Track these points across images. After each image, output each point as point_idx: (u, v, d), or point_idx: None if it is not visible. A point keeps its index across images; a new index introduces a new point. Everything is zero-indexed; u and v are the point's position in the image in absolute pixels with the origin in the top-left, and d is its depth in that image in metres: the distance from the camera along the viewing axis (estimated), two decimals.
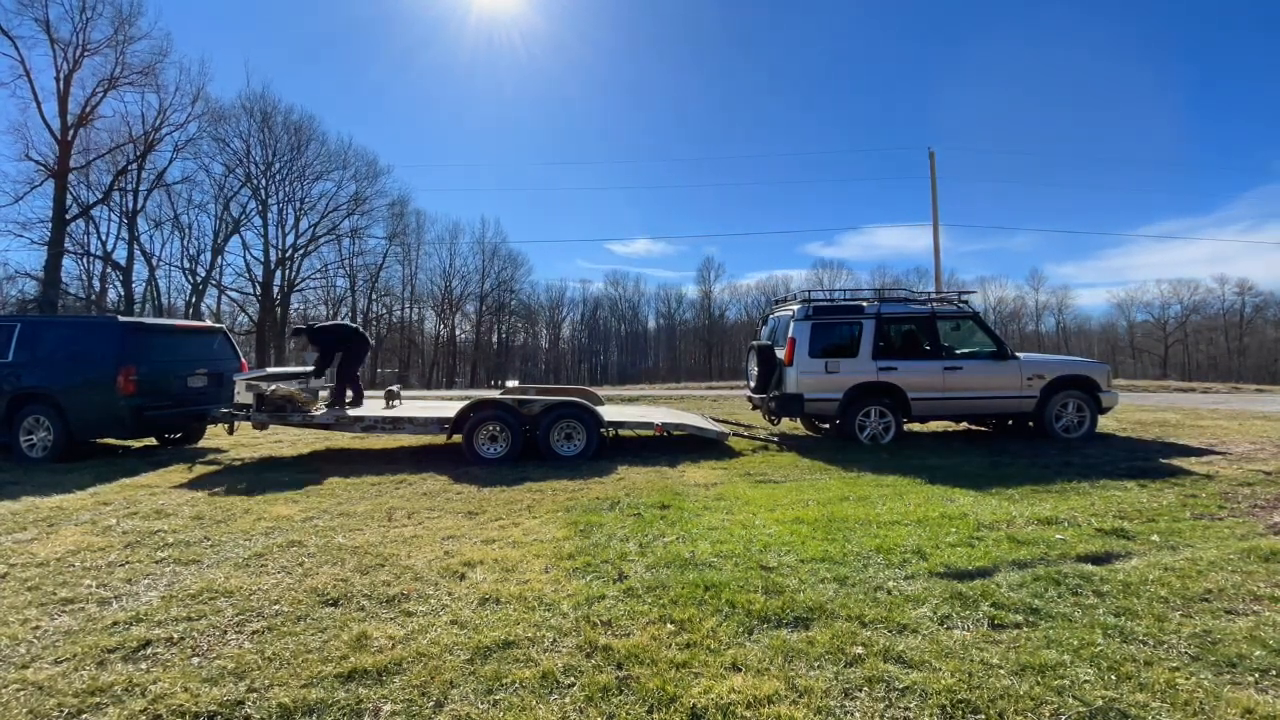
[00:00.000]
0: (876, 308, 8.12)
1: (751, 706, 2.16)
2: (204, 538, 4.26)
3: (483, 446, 7.02)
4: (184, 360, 8.28)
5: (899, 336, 8.22)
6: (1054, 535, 4.00)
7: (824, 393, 7.90)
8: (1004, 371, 8.01)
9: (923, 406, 8.00)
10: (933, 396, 7.95)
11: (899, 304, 8.40)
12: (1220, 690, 2.24)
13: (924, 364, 7.99)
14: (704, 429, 7.69)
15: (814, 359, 7.93)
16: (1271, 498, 4.89)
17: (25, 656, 2.63)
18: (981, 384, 8.00)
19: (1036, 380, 7.99)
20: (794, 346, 7.95)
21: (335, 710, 2.19)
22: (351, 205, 41.52)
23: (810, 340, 7.97)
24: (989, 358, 8.08)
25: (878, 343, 7.98)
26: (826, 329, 8.06)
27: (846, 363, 7.93)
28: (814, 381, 7.90)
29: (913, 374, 7.93)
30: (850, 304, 8.29)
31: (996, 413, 8.28)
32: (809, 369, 7.91)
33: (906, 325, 8.23)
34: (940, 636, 2.66)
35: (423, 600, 3.13)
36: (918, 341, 8.18)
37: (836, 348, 8.02)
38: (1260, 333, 55.46)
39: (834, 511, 4.69)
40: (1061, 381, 8.03)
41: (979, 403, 8.06)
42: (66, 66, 28.97)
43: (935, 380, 7.95)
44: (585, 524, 4.44)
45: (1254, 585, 3.17)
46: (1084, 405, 8.05)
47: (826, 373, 7.91)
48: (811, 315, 8.07)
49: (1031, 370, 8.04)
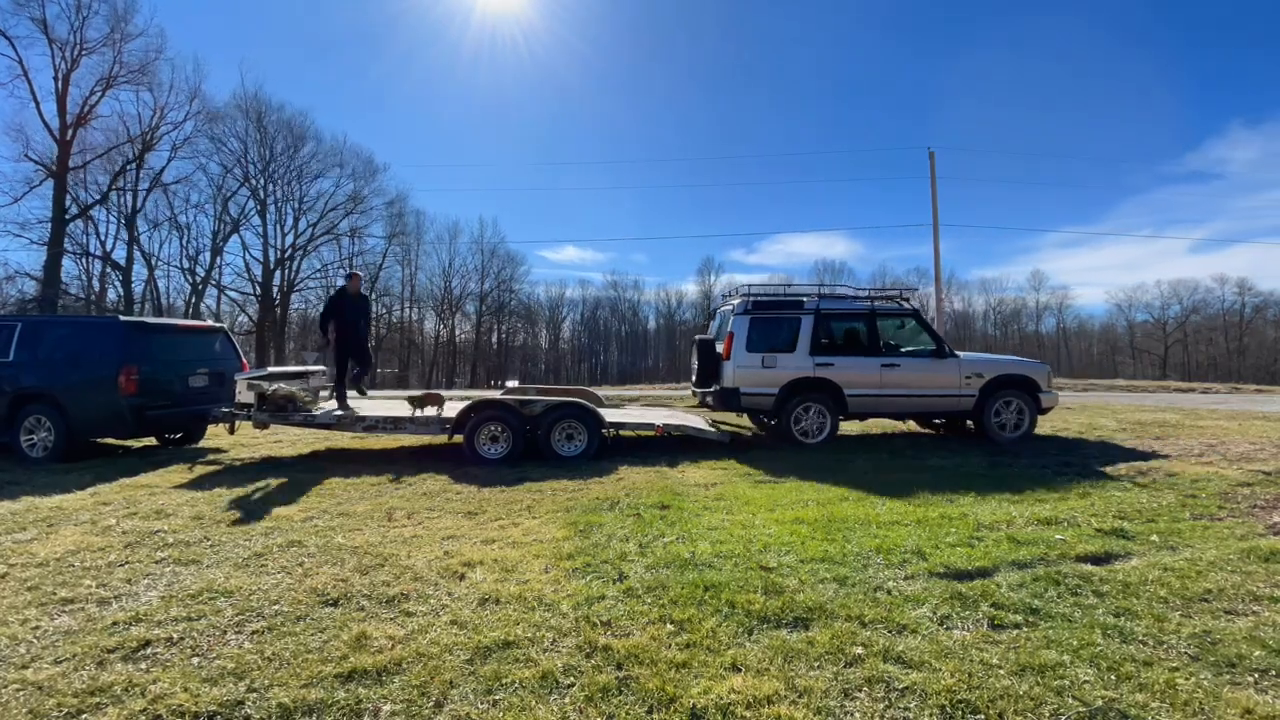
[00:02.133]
0: (816, 303, 8.11)
1: (751, 706, 2.16)
2: (204, 538, 4.26)
3: (484, 447, 7.02)
4: (185, 360, 8.28)
5: (838, 333, 8.20)
6: (1054, 535, 4.00)
7: (760, 388, 7.87)
8: (942, 370, 7.99)
9: (859, 403, 7.95)
10: (869, 393, 7.91)
11: (839, 300, 8.37)
12: (1220, 690, 2.24)
13: (861, 360, 7.96)
14: (704, 431, 7.69)
15: (751, 354, 7.90)
16: (1271, 498, 4.89)
17: (25, 656, 2.63)
18: (919, 382, 7.97)
19: (975, 379, 7.96)
20: (732, 341, 7.93)
21: (335, 710, 2.19)
22: (350, 204, 41.55)
23: (748, 335, 7.94)
24: (928, 356, 8.07)
25: (816, 339, 7.96)
26: (765, 324, 8.03)
27: (784, 358, 7.90)
28: (751, 376, 7.87)
29: (849, 370, 7.90)
30: (790, 300, 8.27)
31: (934, 411, 8.26)
32: (746, 364, 7.88)
33: (845, 322, 8.22)
34: (940, 637, 2.66)
35: (422, 600, 3.13)
36: (857, 338, 8.17)
37: (775, 343, 7.98)
38: (1260, 333, 55.48)
39: (834, 512, 4.70)
40: (1000, 381, 8.01)
41: (916, 400, 8.03)
42: (64, 65, 29.05)
43: (872, 377, 7.91)
44: (585, 524, 4.44)
45: (1254, 585, 3.17)
46: (1023, 405, 8.02)
47: (763, 367, 7.87)
48: (750, 310, 8.05)
49: (970, 369, 8.01)
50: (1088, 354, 63.03)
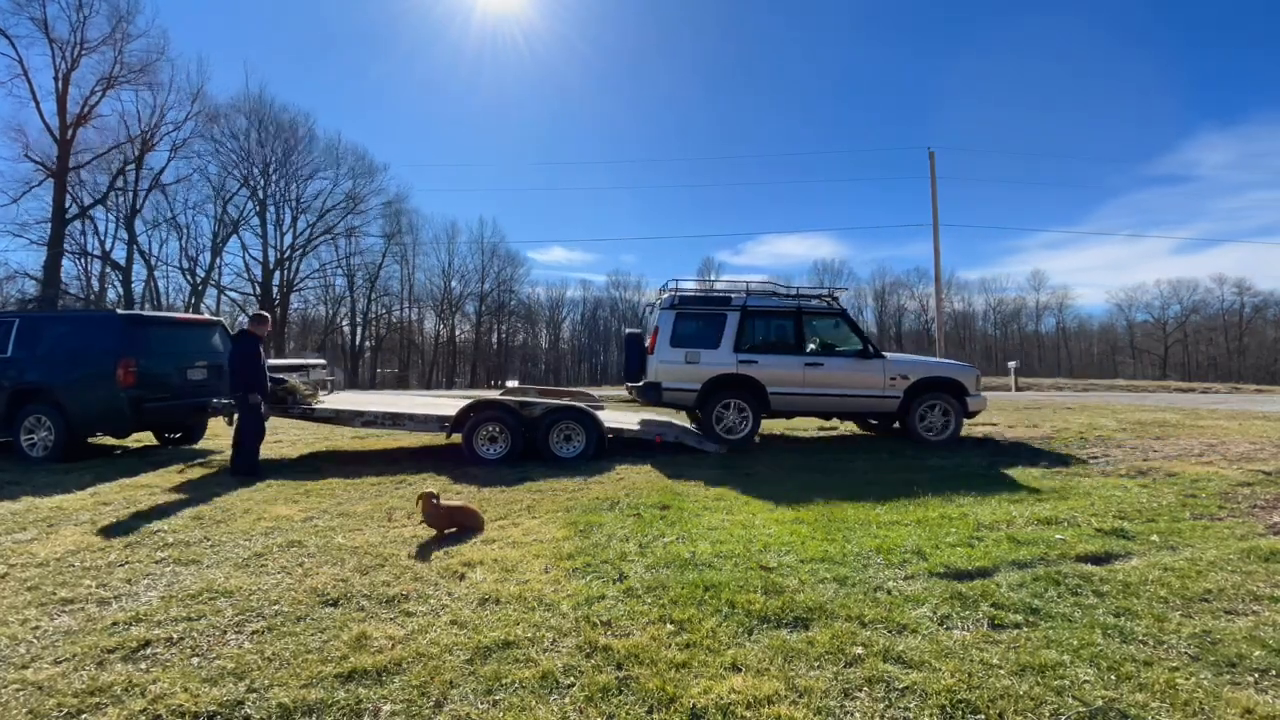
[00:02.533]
0: (742, 301, 8.08)
1: (751, 706, 2.16)
2: (204, 538, 4.26)
3: (482, 447, 7.02)
4: (183, 353, 8.29)
5: (763, 331, 8.17)
6: (1054, 535, 4.00)
7: (683, 383, 7.83)
8: (867, 370, 7.98)
9: (782, 401, 7.92)
10: (792, 392, 7.89)
11: (765, 298, 8.33)
12: (1220, 690, 2.24)
13: (785, 358, 7.95)
14: (703, 441, 7.68)
15: (675, 348, 7.87)
16: (1271, 498, 4.89)
17: (25, 656, 2.62)
18: (843, 381, 7.95)
19: (900, 380, 7.95)
20: (657, 335, 7.92)
21: (335, 710, 2.19)
22: (348, 204, 41.57)
23: (673, 330, 7.92)
24: (854, 356, 8.06)
25: (740, 336, 7.92)
26: (690, 319, 8.00)
27: (707, 353, 7.87)
28: (674, 371, 7.83)
29: (772, 368, 7.87)
30: (717, 296, 8.25)
31: (859, 411, 8.24)
32: (669, 358, 7.85)
33: (771, 320, 8.18)
34: (940, 636, 2.66)
35: (422, 600, 3.13)
36: (782, 336, 8.14)
37: (699, 338, 7.94)
38: (1260, 333, 55.50)
39: (833, 511, 4.70)
40: (926, 383, 8.00)
41: (840, 400, 8.01)
42: (65, 65, 29.06)
43: (795, 375, 7.89)
44: (585, 524, 4.44)
45: (1254, 585, 3.17)
46: (948, 408, 8.01)
47: (686, 363, 7.84)
48: (676, 305, 8.03)
49: (896, 370, 8.01)
50: (1088, 354, 63.01)
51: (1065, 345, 62.63)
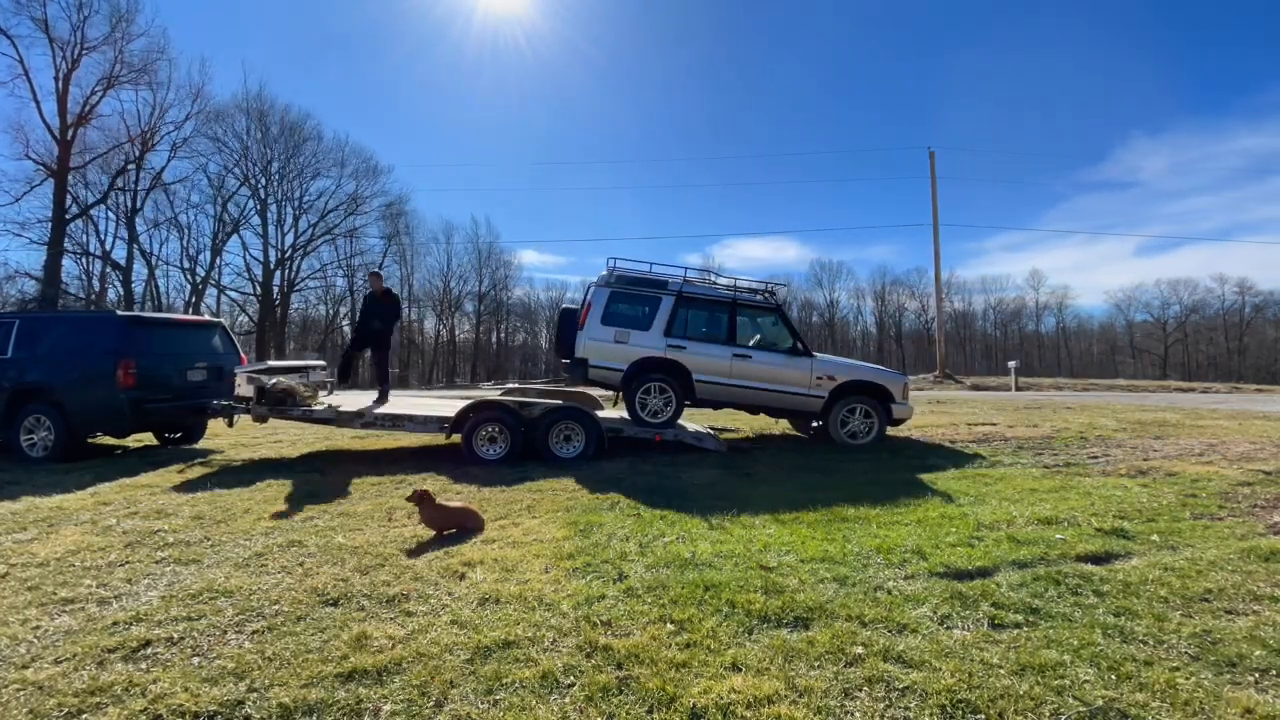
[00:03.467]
0: (679, 286, 8.02)
1: (751, 706, 2.16)
2: (204, 538, 4.26)
3: (481, 447, 7.02)
4: (183, 354, 8.28)
5: (696, 318, 8.11)
6: (1054, 535, 4.00)
7: (610, 361, 7.76)
8: (794, 367, 7.96)
9: (707, 390, 7.89)
10: (718, 381, 7.86)
11: (702, 287, 8.28)
12: (1220, 690, 2.24)
13: (714, 348, 7.91)
14: (702, 439, 7.69)
15: (605, 326, 7.79)
16: (1272, 497, 4.89)
17: (25, 656, 2.63)
18: (769, 376, 7.93)
19: (827, 381, 7.95)
20: (588, 311, 7.84)
21: (335, 710, 2.19)
22: (350, 205, 41.56)
23: (605, 307, 7.84)
24: (784, 352, 8.05)
25: (672, 320, 7.86)
26: (624, 299, 7.92)
27: (637, 335, 7.79)
28: (601, 349, 7.76)
29: (700, 356, 7.83)
30: (654, 278, 8.14)
31: (782, 407, 8.20)
32: (598, 336, 7.77)
33: (705, 308, 8.13)
34: (940, 636, 2.66)
35: (423, 600, 3.13)
36: (714, 326, 8.11)
37: (631, 319, 7.87)
38: (1260, 332, 55.51)
39: (834, 511, 4.69)
40: (852, 386, 7.99)
41: (765, 394, 7.98)
42: (65, 65, 29.05)
43: (722, 365, 7.85)
44: (585, 524, 4.44)
45: (1254, 585, 3.17)
46: (872, 413, 8.00)
47: (615, 342, 7.76)
48: (612, 283, 7.95)
49: (823, 370, 8.00)
50: (1088, 354, 63.03)
51: (1065, 345, 62.65)
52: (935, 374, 26.15)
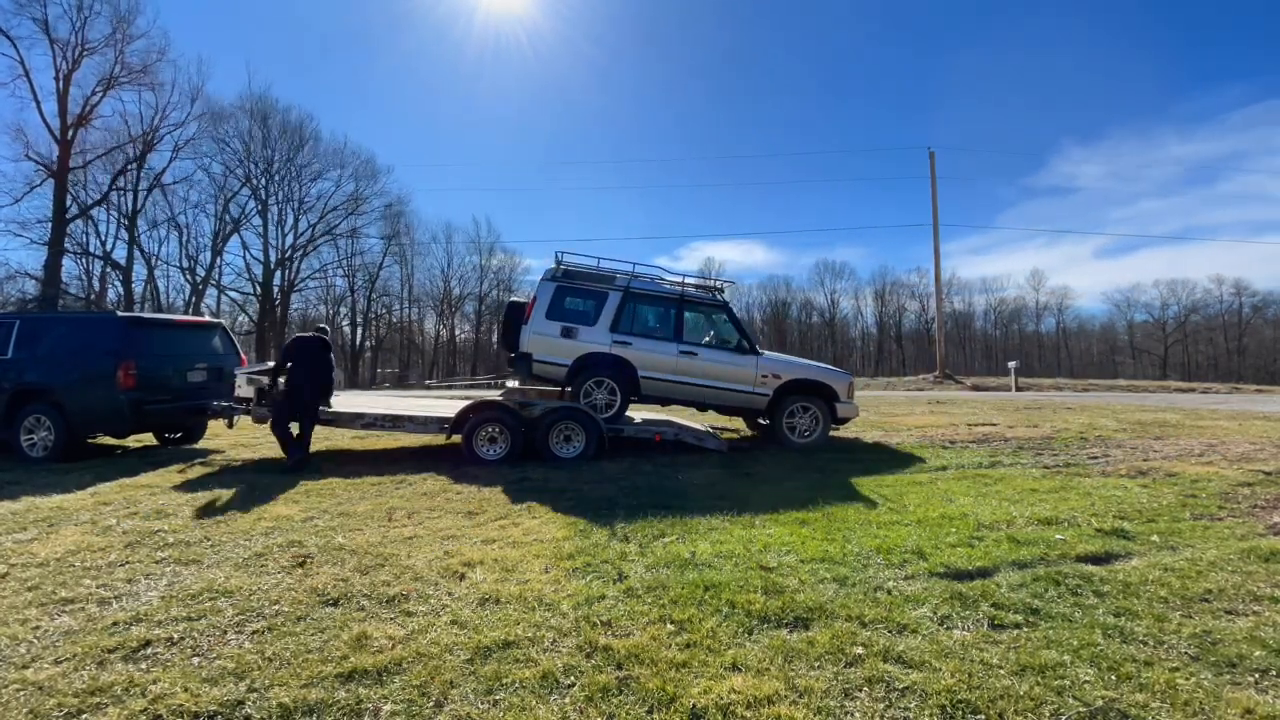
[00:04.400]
0: (627, 282, 7.98)
1: (751, 706, 2.16)
2: (204, 538, 4.26)
3: (482, 448, 7.02)
4: (184, 355, 8.29)
5: (643, 314, 8.08)
6: (1054, 535, 4.00)
7: (554, 356, 7.69)
8: (739, 365, 7.94)
9: (652, 386, 7.85)
10: (663, 378, 7.83)
11: (651, 283, 8.23)
12: (1220, 690, 2.24)
13: (659, 344, 7.87)
14: (703, 439, 7.69)
15: (551, 321, 7.73)
16: (1272, 498, 4.89)
17: (25, 656, 2.62)
18: (714, 373, 7.90)
19: (771, 379, 7.93)
20: (533, 306, 7.79)
21: (335, 710, 2.19)
22: (350, 205, 41.58)
23: (551, 302, 7.78)
24: (731, 350, 8.01)
25: (619, 316, 7.82)
26: (571, 293, 7.87)
27: (584, 330, 7.74)
28: (546, 344, 7.69)
29: (646, 352, 7.79)
30: (602, 274, 8.10)
31: (727, 405, 8.18)
32: (543, 330, 7.71)
33: (653, 305, 8.09)
34: (940, 637, 2.66)
35: (423, 600, 3.13)
36: (662, 322, 8.08)
37: (577, 314, 7.83)
38: (1259, 333, 55.52)
39: (834, 511, 4.70)
40: (797, 385, 7.98)
41: (710, 391, 7.96)
42: (66, 66, 29.07)
43: (668, 362, 7.82)
44: (585, 524, 4.44)
45: (1254, 585, 3.17)
46: (818, 412, 7.99)
47: (561, 336, 7.70)
48: (559, 277, 7.90)
49: (768, 368, 7.97)
50: (1088, 354, 63.01)
51: (1065, 345, 62.63)
52: (935, 374, 26.16)
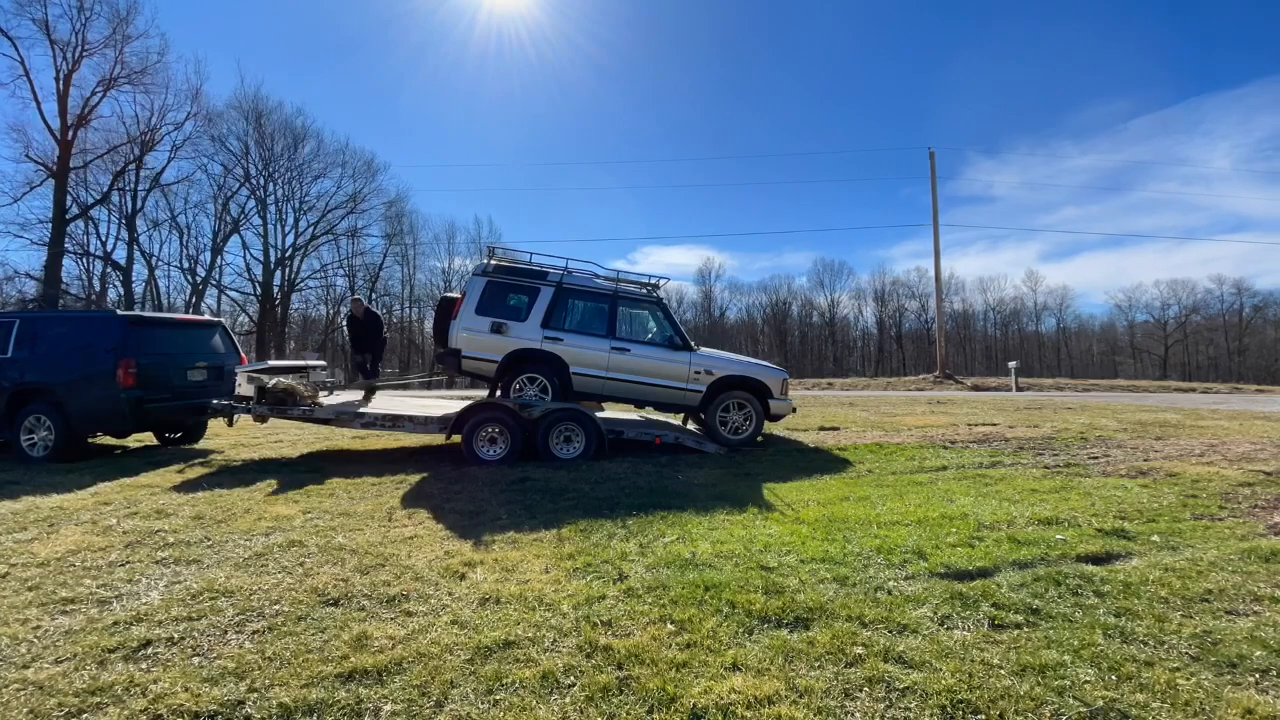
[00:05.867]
0: (559, 278, 7.89)
1: (752, 706, 2.16)
2: (204, 538, 4.26)
3: (482, 448, 7.02)
4: (184, 353, 8.30)
5: (575, 310, 8.00)
6: (1054, 535, 4.00)
7: (484, 353, 7.60)
8: (672, 361, 7.87)
9: (584, 383, 7.78)
10: (595, 374, 7.76)
11: (583, 279, 8.13)
12: (1221, 690, 2.24)
13: (591, 340, 7.79)
14: (702, 442, 7.68)
15: (480, 316, 7.63)
16: (1272, 498, 4.89)
17: (26, 656, 2.63)
18: (646, 369, 7.84)
19: (704, 376, 7.87)
20: (463, 301, 7.70)
21: (335, 710, 2.19)
22: (350, 204, 41.54)
23: (481, 297, 7.68)
24: (664, 346, 7.94)
25: (551, 312, 7.74)
26: (502, 289, 7.77)
27: (514, 326, 7.65)
28: (476, 340, 7.61)
29: (578, 348, 7.71)
30: (534, 269, 8.01)
31: (660, 401, 8.10)
32: (473, 326, 7.61)
33: (585, 300, 8.02)
34: (940, 637, 2.66)
35: (423, 600, 3.13)
36: (594, 318, 7.99)
37: (508, 309, 7.73)
38: (1260, 333, 55.50)
39: (834, 512, 4.69)
40: (730, 381, 7.92)
41: (643, 388, 7.90)
42: (66, 66, 29.03)
43: (599, 358, 7.75)
44: (586, 524, 4.44)
45: (1254, 586, 3.16)
46: (751, 409, 7.95)
47: (491, 333, 7.61)
48: (489, 272, 7.81)
49: (701, 365, 7.92)
50: (1088, 354, 62.98)
51: (1065, 345, 62.58)
52: (936, 374, 26.15)
